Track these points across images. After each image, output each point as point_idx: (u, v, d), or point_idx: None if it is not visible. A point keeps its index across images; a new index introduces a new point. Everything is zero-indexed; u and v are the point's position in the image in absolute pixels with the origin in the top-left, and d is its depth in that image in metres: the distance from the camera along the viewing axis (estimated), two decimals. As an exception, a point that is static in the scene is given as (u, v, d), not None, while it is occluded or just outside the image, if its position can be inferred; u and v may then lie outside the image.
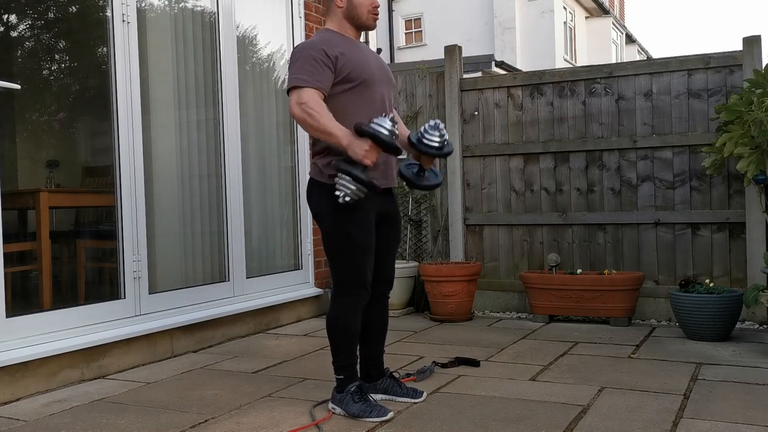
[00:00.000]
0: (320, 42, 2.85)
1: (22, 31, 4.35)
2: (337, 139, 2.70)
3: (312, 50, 2.80)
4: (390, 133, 2.66)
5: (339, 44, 2.87)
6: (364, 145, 2.66)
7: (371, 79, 2.89)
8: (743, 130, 4.18)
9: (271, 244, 5.17)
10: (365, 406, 2.84)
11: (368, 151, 2.66)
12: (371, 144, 2.66)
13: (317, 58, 2.78)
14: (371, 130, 2.64)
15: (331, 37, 2.90)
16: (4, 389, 3.19)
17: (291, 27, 5.29)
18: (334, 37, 2.91)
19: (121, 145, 3.89)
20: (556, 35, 20.54)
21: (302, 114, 2.74)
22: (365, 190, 2.71)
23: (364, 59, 2.93)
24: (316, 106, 2.73)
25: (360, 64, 2.88)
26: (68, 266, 4.47)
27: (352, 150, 2.67)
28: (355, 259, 2.86)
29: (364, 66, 2.90)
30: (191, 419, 2.89)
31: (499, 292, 5.47)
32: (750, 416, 2.76)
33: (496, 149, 5.45)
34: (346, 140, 2.68)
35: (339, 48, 2.85)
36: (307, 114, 2.73)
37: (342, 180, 2.70)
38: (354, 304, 2.91)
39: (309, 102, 2.73)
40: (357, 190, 2.69)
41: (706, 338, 4.20)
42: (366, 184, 2.68)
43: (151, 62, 4.15)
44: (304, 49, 2.83)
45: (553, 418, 2.78)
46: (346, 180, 2.69)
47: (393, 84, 3.11)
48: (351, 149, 2.67)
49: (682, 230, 4.92)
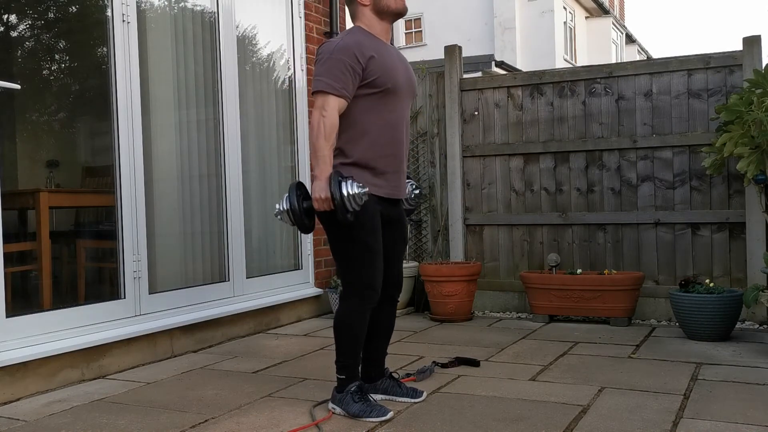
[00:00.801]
0: (354, 45, 2.79)
1: (22, 31, 4.35)
2: (317, 169, 2.76)
3: (344, 54, 2.76)
4: (347, 198, 2.72)
5: (370, 45, 2.83)
6: (323, 192, 2.73)
7: (395, 89, 2.87)
8: (743, 130, 4.18)
9: (271, 244, 5.17)
10: (365, 406, 2.84)
11: (321, 200, 2.74)
12: (328, 198, 2.73)
13: (348, 65, 2.75)
14: (335, 190, 2.72)
15: (364, 39, 2.84)
16: (4, 389, 3.19)
17: (291, 27, 5.29)
18: (366, 38, 2.86)
19: (121, 145, 3.89)
20: (556, 35, 20.55)
21: (317, 124, 2.75)
22: (291, 218, 2.85)
23: (394, 67, 2.89)
24: (330, 126, 2.75)
25: (388, 72, 2.85)
26: (68, 266, 4.47)
27: (314, 188, 2.76)
28: (364, 262, 2.86)
29: (391, 74, 2.86)
30: (191, 419, 2.89)
31: (499, 292, 5.47)
32: (750, 416, 2.76)
33: (496, 149, 5.45)
34: (321, 176, 2.74)
35: (371, 50, 2.81)
36: (321, 126, 2.74)
37: (287, 201, 2.84)
38: (362, 305, 2.90)
39: (329, 117, 2.74)
40: (288, 219, 2.85)
41: (706, 338, 4.20)
42: (297, 221, 2.84)
43: (151, 62, 4.15)
44: (336, 51, 2.77)
45: (553, 418, 2.78)
46: (286, 203, 2.84)
47: (414, 95, 3.10)
48: (315, 186, 2.75)
49: (682, 230, 4.92)
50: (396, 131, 2.92)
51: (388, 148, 2.90)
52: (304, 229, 2.91)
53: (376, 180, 2.88)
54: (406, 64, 3.04)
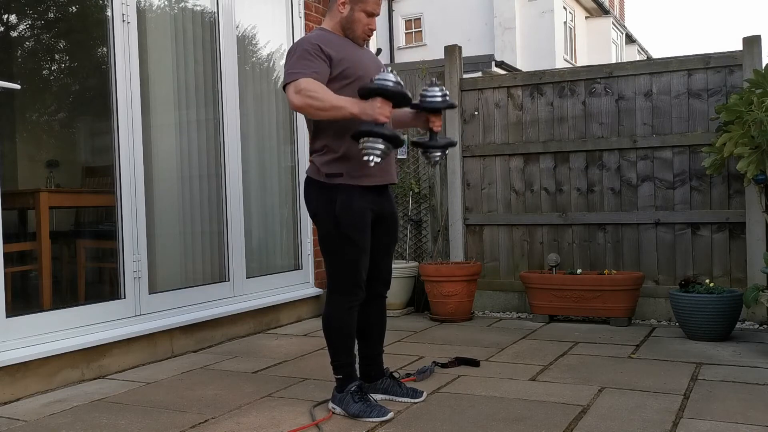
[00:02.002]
0: (315, 38, 2.86)
1: (22, 31, 4.35)
2: (347, 109, 2.71)
3: (306, 45, 2.82)
4: (395, 83, 2.68)
5: (334, 42, 2.89)
6: (374, 103, 2.67)
7: (367, 77, 2.89)
8: (743, 130, 4.18)
9: (271, 244, 5.17)
10: (365, 406, 2.84)
11: (381, 108, 2.67)
12: (381, 100, 2.67)
13: (311, 51, 2.79)
14: (377, 85, 2.67)
15: (327, 35, 2.91)
16: (4, 389, 3.19)
17: (291, 27, 5.29)
18: (329, 35, 2.92)
19: (121, 145, 3.89)
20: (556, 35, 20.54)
21: (304, 100, 2.73)
22: (391, 145, 2.71)
23: (360, 57, 2.94)
24: (314, 87, 2.74)
25: (355, 62, 2.90)
26: (68, 266, 4.47)
27: (365, 113, 2.68)
28: (351, 259, 2.87)
29: (359, 63, 2.91)
30: (191, 419, 2.89)
31: (499, 292, 5.47)
32: (750, 416, 2.76)
33: (496, 149, 5.45)
34: (357, 107, 2.70)
35: (334, 46, 2.86)
36: (308, 98, 2.72)
37: (367, 143, 2.69)
38: (349, 303, 2.91)
39: (307, 86, 2.73)
40: (385, 147, 2.69)
41: (706, 338, 4.20)
42: (390, 137, 2.68)
43: (151, 62, 4.15)
44: (298, 45, 2.85)
45: (553, 418, 2.78)
46: (370, 142, 2.68)
47: None
48: (363, 113, 2.69)
49: (682, 230, 4.92)
50: None
51: None
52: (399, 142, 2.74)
53: (364, 170, 2.87)
54: (373, 55, 3.10)
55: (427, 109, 2.95)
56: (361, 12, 2.91)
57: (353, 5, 2.91)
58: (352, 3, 2.91)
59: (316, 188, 2.91)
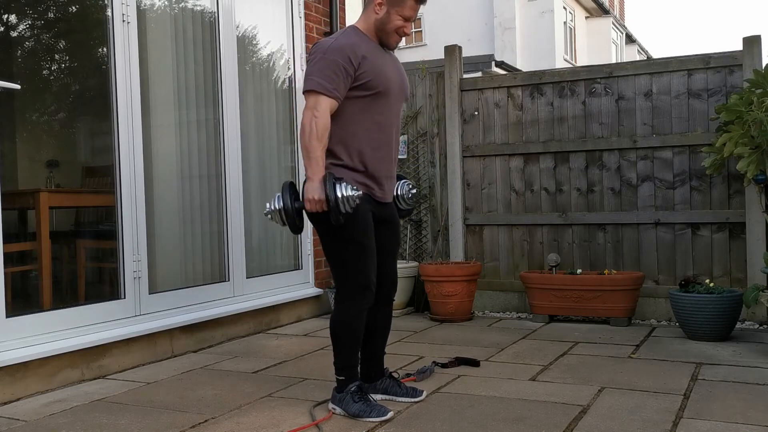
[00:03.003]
0: (347, 46, 2.80)
1: (22, 31, 4.35)
2: (310, 170, 2.76)
3: (337, 55, 2.77)
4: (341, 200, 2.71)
5: (364, 47, 2.84)
6: (315, 194, 2.74)
7: (387, 92, 2.88)
8: (743, 130, 4.18)
9: (271, 244, 5.17)
10: (365, 406, 2.84)
11: (314, 203, 2.74)
12: (321, 199, 2.73)
13: (341, 65, 2.76)
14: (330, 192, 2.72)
15: (358, 40, 2.86)
16: (4, 389, 3.19)
17: (291, 27, 5.29)
18: (361, 39, 2.87)
19: (121, 145, 3.89)
20: (556, 35, 20.54)
21: (309, 124, 2.75)
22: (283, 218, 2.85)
23: (385, 69, 2.90)
24: (323, 126, 2.76)
25: (380, 75, 2.86)
26: (68, 266, 4.47)
27: (307, 189, 2.76)
28: (358, 262, 2.86)
29: (383, 77, 2.87)
30: (191, 419, 2.89)
31: (499, 292, 5.47)
32: (750, 416, 2.76)
33: (496, 149, 5.45)
34: (314, 177, 2.75)
35: (363, 51, 2.82)
36: (313, 127, 2.75)
37: (279, 201, 2.84)
38: (359, 306, 2.90)
39: (321, 118, 2.75)
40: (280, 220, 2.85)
41: (706, 338, 4.20)
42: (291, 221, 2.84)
43: (151, 62, 4.15)
44: (330, 51, 2.79)
45: (553, 418, 2.78)
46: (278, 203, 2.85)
47: (406, 98, 3.11)
48: (308, 187, 2.76)
49: (682, 230, 4.92)
50: (386, 134, 2.93)
51: (379, 150, 2.91)
52: (295, 230, 2.91)
53: (366, 180, 2.89)
54: (400, 68, 3.05)
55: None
56: (397, 15, 2.87)
57: (390, 7, 2.86)
58: (389, 5, 2.86)
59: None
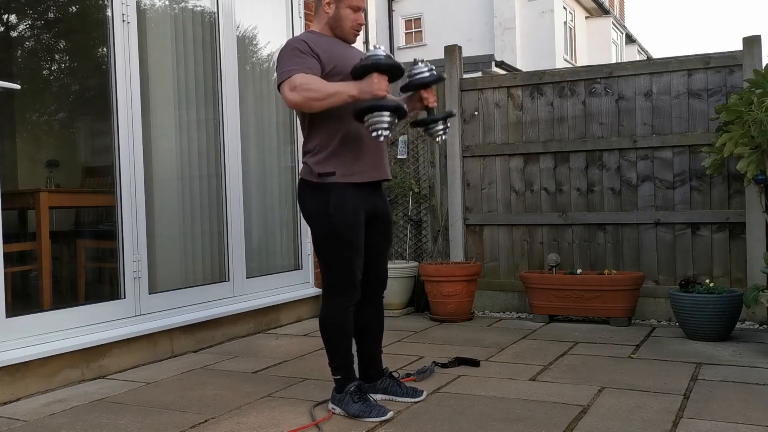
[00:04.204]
0: (303, 37, 2.89)
1: (22, 31, 4.35)
2: (345, 93, 2.72)
3: (295, 44, 2.84)
4: (386, 56, 2.69)
5: (322, 42, 2.90)
6: (371, 80, 2.69)
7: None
8: (743, 130, 4.18)
9: (271, 244, 5.17)
10: (365, 406, 2.84)
11: (378, 83, 2.69)
12: (377, 75, 2.69)
13: (301, 49, 2.81)
14: (371, 61, 2.67)
15: (314, 36, 2.93)
16: (4, 389, 3.19)
17: (291, 27, 5.29)
18: (317, 36, 2.93)
19: (121, 145, 3.89)
20: (556, 35, 20.54)
21: (301, 94, 2.74)
22: (397, 116, 2.72)
23: (349, 55, 2.94)
24: (308, 80, 2.75)
25: (344, 59, 2.89)
26: (68, 266, 4.47)
27: (364, 91, 2.70)
28: (346, 259, 2.87)
29: (349, 61, 2.89)
30: (191, 419, 2.89)
31: (499, 292, 5.47)
32: (750, 416, 2.76)
33: (496, 149, 5.45)
34: (354, 88, 2.71)
35: (322, 45, 2.87)
36: (305, 91, 2.73)
37: (372, 119, 2.69)
38: (345, 303, 2.91)
39: (301, 81, 2.74)
40: (391, 119, 2.70)
41: (706, 338, 4.20)
42: (394, 108, 2.69)
43: (151, 62, 4.15)
44: (287, 45, 2.87)
45: (553, 418, 2.78)
46: (376, 117, 2.69)
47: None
48: (362, 92, 2.70)
49: (682, 230, 4.92)
50: None
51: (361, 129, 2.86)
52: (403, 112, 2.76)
53: (356, 167, 2.88)
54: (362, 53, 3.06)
55: (417, 86, 2.95)
56: (346, 8, 2.92)
57: (338, 3, 2.92)
58: (337, 1, 2.92)
59: (309, 189, 2.92)
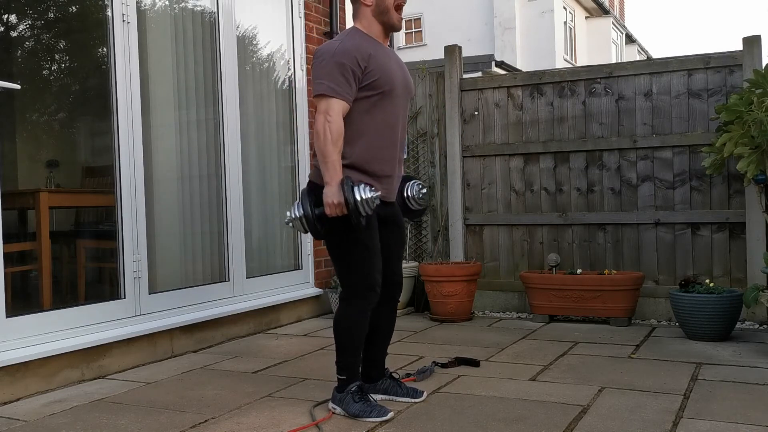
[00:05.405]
0: (353, 48, 2.79)
1: (22, 31, 4.35)
2: (327, 175, 2.75)
3: (345, 58, 2.76)
4: (360, 203, 2.72)
5: (370, 48, 2.83)
6: (336, 197, 2.73)
7: (391, 92, 2.87)
8: (743, 130, 4.18)
9: (271, 244, 5.17)
10: (365, 406, 2.84)
11: (334, 207, 2.74)
12: (342, 206, 2.74)
13: (349, 68, 2.75)
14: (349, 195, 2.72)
15: (363, 42, 2.85)
16: (4, 389, 3.19)
17: (291, 27, 5.29)
18: (364, 40, 2.86)
19: (121, 145, 3.89)
20: (556, 35, 20.55)
21: (324, 130, 2.74)
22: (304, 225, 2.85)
23: (391, 70, 2.90)
24: (336, 131, 2.75)
25: (386, 74, 2.85)
26: (68, 266, 4.47)
27: (326, 193, 2.75)
28: (363, 263, 2.86)
29: (389, 77, 2.87)
30: (191, 419, 2.89)
31: (499, 292, 5.47)
32: (750, 416, 2.76)
33: (496, 149, 5.45)
34: (332, 182, 2.74)
35: (370, 50, 2.82)
36: (327, 132, 2.74)
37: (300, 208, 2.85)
38: (364, 306, 2.90)
39: (334, 122, 2.74)
40: (302, 226, 2.86)
41: (706, 338, 4.20)
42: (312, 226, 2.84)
43: (151, 62, 4.15)
44: (336, 54, 2.77)
45: (553, 418, 2.78)
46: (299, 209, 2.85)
47: (411, 98, 3.12)
48: (327, 191, 2.75)
49: (682, 230, 4.92)
50: (392, 133, 2.92)
51: (385, 150, 2.90)
52: (317, 235, 2.90)
53: (371, 180, 2.89)
54: (403, 66, 3.04)
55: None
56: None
57: None
58: None
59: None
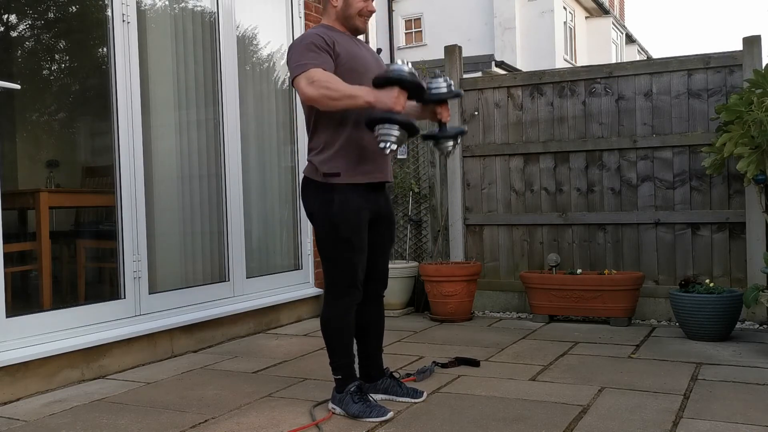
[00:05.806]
0: (318, 31, 2.87)
1: (22, 31, 4.36)
2: (362, 98, 2.70)
3: (309, 38, 2.82)
4: (411, 73, 2.68)
5: (335, 35, 2.89)
6: (391, 92, 2.68)
7: (367, 73, 2.88)
8: (743, 130, 4.18)
9: (271, 244, 5.17)
10: (365, 406, 2.84)
11: (397, 97, 2.68)
12: (398, 89, 2.68)
13: (316, 44, 2.79)
14: (395, 75, 2.66)
15: (328, 31, 2.91)
16: (4, 389, 3.19)
17: (291, 27, 5.29)
18: (330, 31, 2.92)
19: (121, 145, 3.89)
20: (556, 35, 20.54)
21: (319, 91, 2.71)
22: (407, 133, 2.73)
23: (362, 54, 2.95)
24: (327, 77, 2.72)
25: (356, 56, 2.90)
26: (68, 266, 4.47)
27: (381, 101, 2.69)
28: (348, 260, 2.87)
29: (360, 59, 2.90)
30: (191, 419, 2.89)
31: (499, 292, 5.47)
32: (750, 416, 2.76)
33: (496, 149, 5.45)
34: (372, 96, 2.70)
35: (334, 37, 2.87)
36: (323, 88, 2.71)
37: (382, 130, 2.69)
38: (347, 304, 2.91)
39: (320, 77, 2.72)
40: (400, 134, 2.70)
41: (706, 338, 4.20)
42: (406, 124, 2.70)
43: (151, 62, 4.15)
44: (302, 39, 2.85)
45: (553, 418, 2.78)
46: (386, 129, 2.68)
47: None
48: (379, 101, 2.69)
49: (682, 230, 4.92)
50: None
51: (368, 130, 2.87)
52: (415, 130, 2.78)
53: (363, 166, 2.88)
54: (375, 54, 3.09)
55: (433, 101, 2.94)
56: None
57: None
58: None
59: (313, 188, 2.91)
